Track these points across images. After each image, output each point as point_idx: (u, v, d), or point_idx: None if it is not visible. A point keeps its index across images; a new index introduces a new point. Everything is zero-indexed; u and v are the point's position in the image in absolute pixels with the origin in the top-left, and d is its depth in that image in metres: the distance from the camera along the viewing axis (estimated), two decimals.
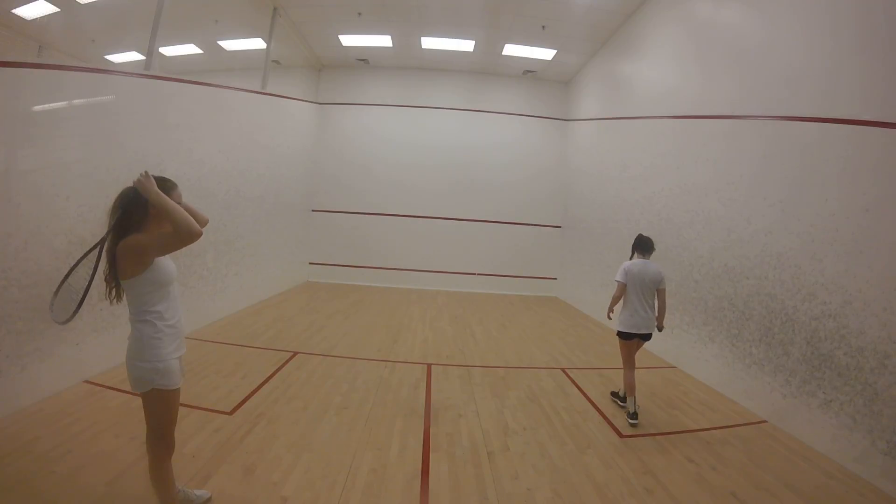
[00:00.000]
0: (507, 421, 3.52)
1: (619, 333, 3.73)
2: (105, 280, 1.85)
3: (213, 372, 4.14)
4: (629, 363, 3.72)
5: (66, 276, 1.86)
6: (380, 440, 3.09)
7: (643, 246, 3.77)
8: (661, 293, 3.70)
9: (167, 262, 1.95)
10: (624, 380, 3.71)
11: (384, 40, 8.81)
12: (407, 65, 9.97)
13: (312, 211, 10.09)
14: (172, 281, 1.97)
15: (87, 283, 1.79)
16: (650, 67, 6.62)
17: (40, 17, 4.39)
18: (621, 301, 3.76)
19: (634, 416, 3.52)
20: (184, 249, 2.04)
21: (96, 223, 3.86)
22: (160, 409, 1.91)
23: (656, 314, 3.71)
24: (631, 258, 3.85)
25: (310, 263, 10.01)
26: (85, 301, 1.77)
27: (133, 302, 1.88)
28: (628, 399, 3.62)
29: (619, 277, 3.71)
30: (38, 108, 3.35)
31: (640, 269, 3.66)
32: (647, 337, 3.72)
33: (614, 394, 4.10)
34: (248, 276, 6.95)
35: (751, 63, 4.42)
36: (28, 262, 3.17)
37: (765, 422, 3.74)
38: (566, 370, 4.86)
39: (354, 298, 8.35)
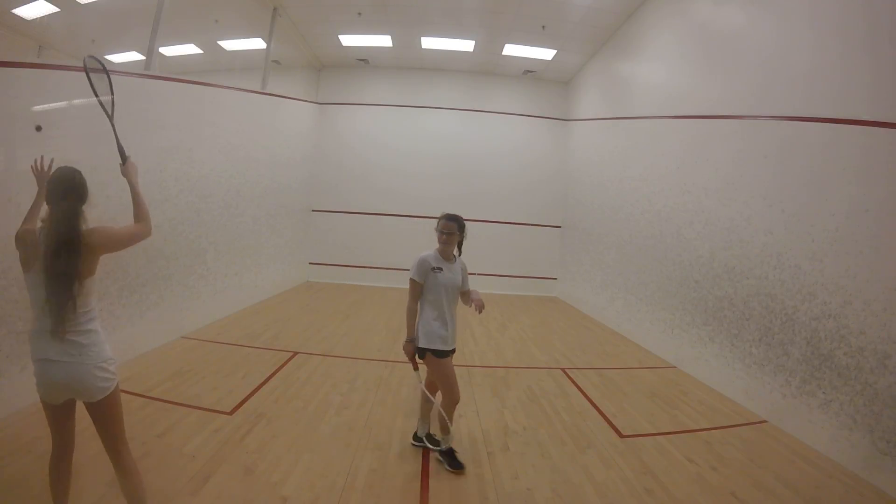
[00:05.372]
0: (507, 421, 3.52)
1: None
2: (74, 277, 1.70)
3: (213, 372, 4.14)
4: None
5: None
6: (380, 440, 3.09)
7: None
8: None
9: None
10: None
11: (384, 40, 8.81)
12: (407, 65, 9.95)
13: (312, 211, 10.09)
14: None
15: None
16: (650, 67, 6.62)
17: (40, 17, 4.38)
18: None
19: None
20: (185, 249, 2.07)
21: (96, 223, 3.86)
22: (119, 407, 1.86)
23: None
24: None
25: (310, 263, 10.01)
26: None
27: (87, 302, 1.80)
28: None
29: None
30: (37, 108, 3.35)
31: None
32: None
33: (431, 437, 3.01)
34: (248, 276, 6.95)
35: (751, 63, 4.43)
36: None
37: (765, 422, 3.74)
38: (566, 370, 4.86)
39: (354, 298, 8.35)
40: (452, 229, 2.83)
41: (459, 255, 3.02)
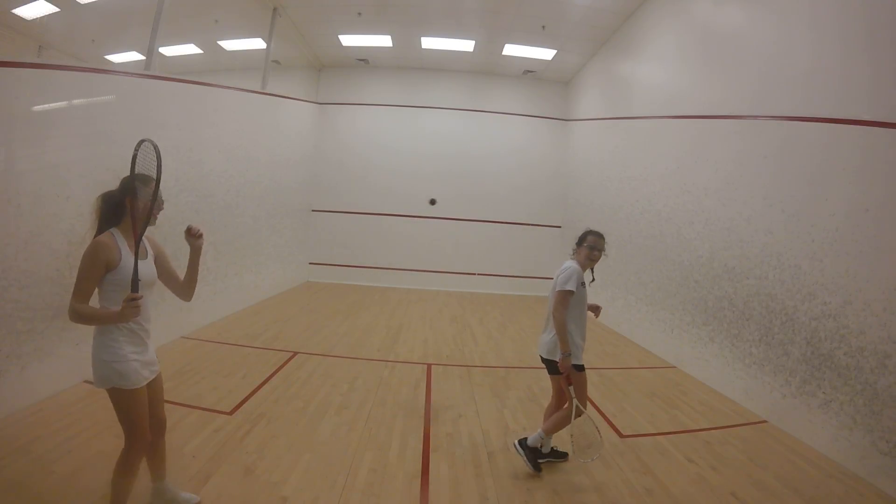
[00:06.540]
0: (507, 421, 3.52)
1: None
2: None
3: (213, 372, 4.14)
4: None
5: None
6: (380, 440, 3.09)
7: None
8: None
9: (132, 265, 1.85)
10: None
11: (384, 40, 8.81)
12: (407, 65, 9.96)
13: (312, 211, 10.09)
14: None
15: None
16: (650, 67, 6.62)
17: (40, 17, 4.38)
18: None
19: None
20: (185, 249, 2.08)
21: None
22: (117, 406, 1.91)
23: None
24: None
25: (310, 263, 10.01)
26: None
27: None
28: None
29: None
30: (37, 108, 3.35)
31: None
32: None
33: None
34: (248, 276, 6.95)
35: (751, 63, 4.43)
36: (28, 262, 3.17)
37: (765, 422, 3.74)
38: None
39: (354, 298, 8.34)
40: (603, 246, 2.83)
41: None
